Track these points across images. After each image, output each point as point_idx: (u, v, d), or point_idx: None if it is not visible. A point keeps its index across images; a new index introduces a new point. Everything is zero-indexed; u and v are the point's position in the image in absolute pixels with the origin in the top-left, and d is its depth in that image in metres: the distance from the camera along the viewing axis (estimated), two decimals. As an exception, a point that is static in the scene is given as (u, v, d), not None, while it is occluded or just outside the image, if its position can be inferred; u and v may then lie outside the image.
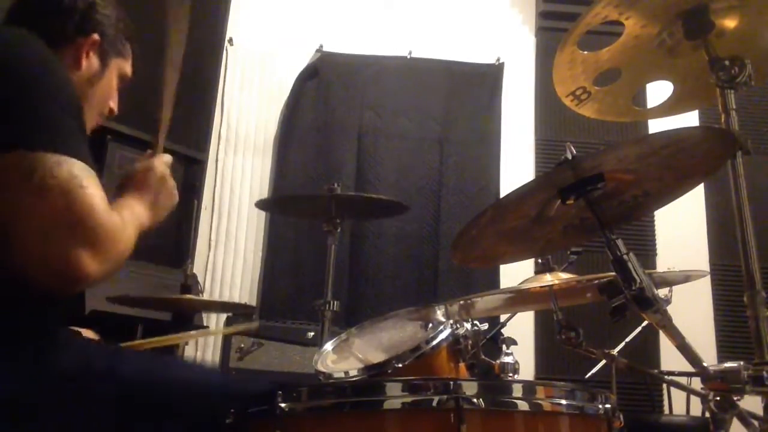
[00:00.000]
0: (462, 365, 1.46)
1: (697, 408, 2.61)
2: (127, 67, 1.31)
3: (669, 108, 1.55)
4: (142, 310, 2.42)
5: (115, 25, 1.26)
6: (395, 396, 0.93)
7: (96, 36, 1.22)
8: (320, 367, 1.47)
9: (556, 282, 1.50)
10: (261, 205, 2.80)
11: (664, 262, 3.45)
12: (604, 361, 2.28)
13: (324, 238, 2.19)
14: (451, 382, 0.91)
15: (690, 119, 2.97)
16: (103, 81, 1.25)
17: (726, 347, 3.37)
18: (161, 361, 1.21)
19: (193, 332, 2.45)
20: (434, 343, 1.41)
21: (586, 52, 1.39)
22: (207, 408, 1.09)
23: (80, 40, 1.20)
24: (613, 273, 1.07)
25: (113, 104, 1.31)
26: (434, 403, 0.91)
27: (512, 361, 1.56)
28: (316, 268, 3.15)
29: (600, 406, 1.00)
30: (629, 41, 1.38)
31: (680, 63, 1.39)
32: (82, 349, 1.10)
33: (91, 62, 1.22)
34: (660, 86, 1.50)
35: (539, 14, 3.85)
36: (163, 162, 1.22)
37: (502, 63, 3.74)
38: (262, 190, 3.52)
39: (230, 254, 3.37)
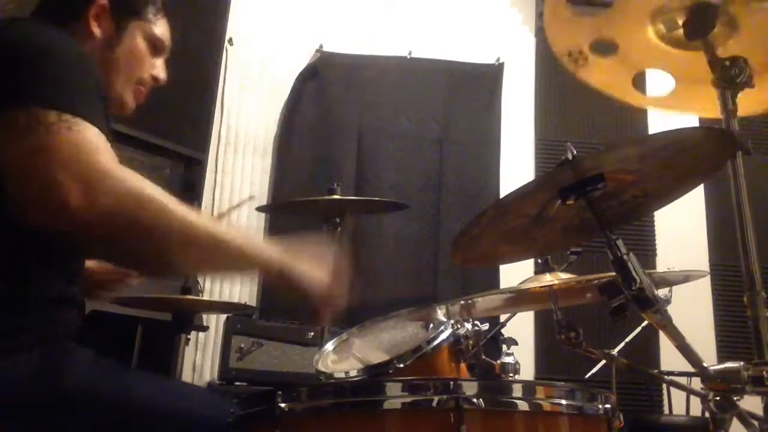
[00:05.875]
0: (463, 365, 1.46)
1: (697, 408, 2.61)
2: (155, 29, 1.27)
3: (670, 104, 1.55)
4: (142, 310, 2.42)
5: None
6: (395, 396, 0.93)
7: (103, 0, 1.20)
8: (320, 367, 1.46)
9: (556, 282, 1.50)
10: (262, 210, 2.81)
11: (664, 262, 3.45)
12: (604, 361, 2.28)
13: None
14: (451, 382, 0.91)
15: (690, 119, 2.97)
16: (124, 45, 1.22)
17: (726, 347, 3.37)
18: (152, 381, 1.15)
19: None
20: (435, 343, 1.40)
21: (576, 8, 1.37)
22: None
23: (89, 9, 1.19)
24: (613, 273, 1.07)
25: (158, 72, 1.28)
26: (434, 403, 0.91)
27: (512, 361, 1.56)
28: (316, 268, 3.15)
29: (600, 406, 1.00)
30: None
31: (680, 60, 1.39)
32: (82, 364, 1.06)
33: (103, 28, 1.20)
34: (661, 81, 1.49)
35: (539, 14, 3.84)
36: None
37: (502, 63, 3.74)
38: (262, 191, 3.51)
39: (230, 254, 3.36)
